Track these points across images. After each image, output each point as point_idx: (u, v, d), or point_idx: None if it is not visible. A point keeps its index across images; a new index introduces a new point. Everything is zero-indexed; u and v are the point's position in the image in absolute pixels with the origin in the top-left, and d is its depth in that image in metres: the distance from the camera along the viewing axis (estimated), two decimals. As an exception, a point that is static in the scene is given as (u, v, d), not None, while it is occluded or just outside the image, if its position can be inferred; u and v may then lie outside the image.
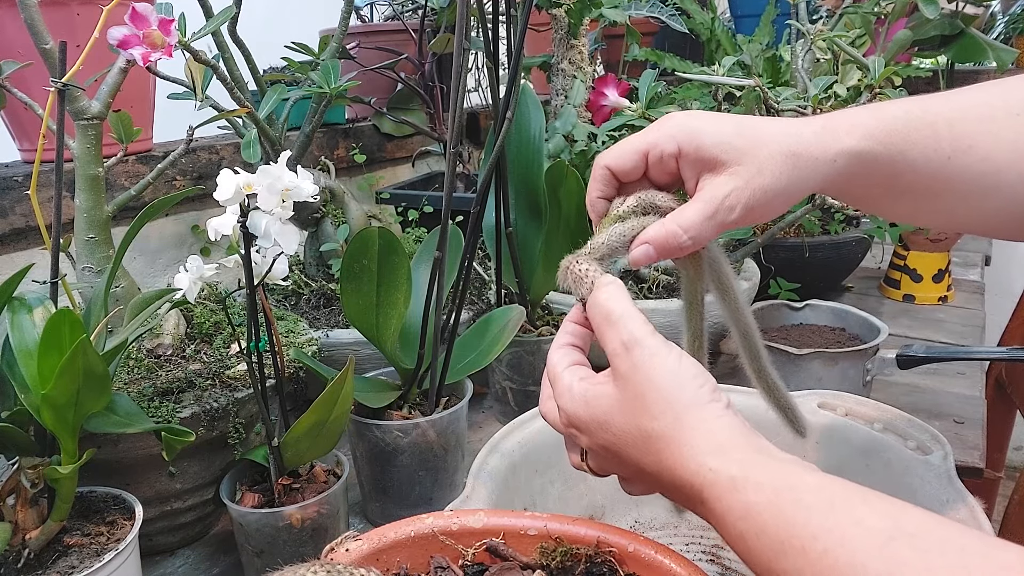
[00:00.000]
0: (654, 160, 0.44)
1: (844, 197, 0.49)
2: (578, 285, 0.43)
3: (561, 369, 0.44)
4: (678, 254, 0.44)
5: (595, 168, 0.46)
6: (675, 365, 0.38)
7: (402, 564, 0.45)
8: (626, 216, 0.45)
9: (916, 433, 0.60)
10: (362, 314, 0.71)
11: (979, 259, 1.51)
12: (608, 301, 0.41)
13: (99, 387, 0.53)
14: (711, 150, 0.43)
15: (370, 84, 1.24)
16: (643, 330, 0.40)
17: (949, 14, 1.13)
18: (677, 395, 0.38)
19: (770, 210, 0.43)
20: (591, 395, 0.41)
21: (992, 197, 0.46)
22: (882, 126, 0.44)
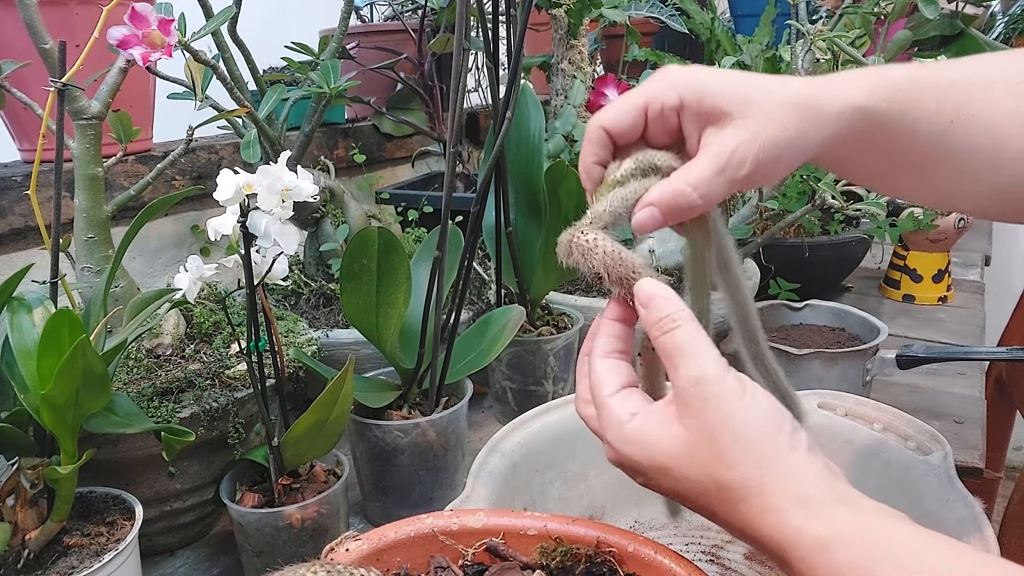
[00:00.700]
0: (654, 115, 0.41)
1: (844, 164, 0.47)
2: (588, 257, 0.39)
3: (608, 394, 0.39)
4: (686, 216, 0.40)
5: (589, 130, 0.42)
6: (751, 406, 0.35)
7: (402, 564, 0.45)
8: (625, 180, 0.41)
9: (916, 433, 0.60)
10: (362, 314, 0.71)
11: (979, 259, 1.51)
12: (680, 331, 0.37)
13: (99, 387, 0.53)
14: (715, 100, 0.40)
15: (370, 84, 1.24)
16: (718, 366, 0.36)
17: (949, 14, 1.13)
18: (755, 441, 0.34)
19: (780, 166, 0.40)
20: (650, 437, 0.37)
21: (990, 172, 0.44)
22: (887, 84, 0.42)
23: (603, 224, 0.40)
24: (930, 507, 0.56)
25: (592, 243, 0.39)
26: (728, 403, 0.35)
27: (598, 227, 0.40)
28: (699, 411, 0.35)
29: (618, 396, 0.39)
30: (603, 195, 0.41)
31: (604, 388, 0.40)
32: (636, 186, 0.41)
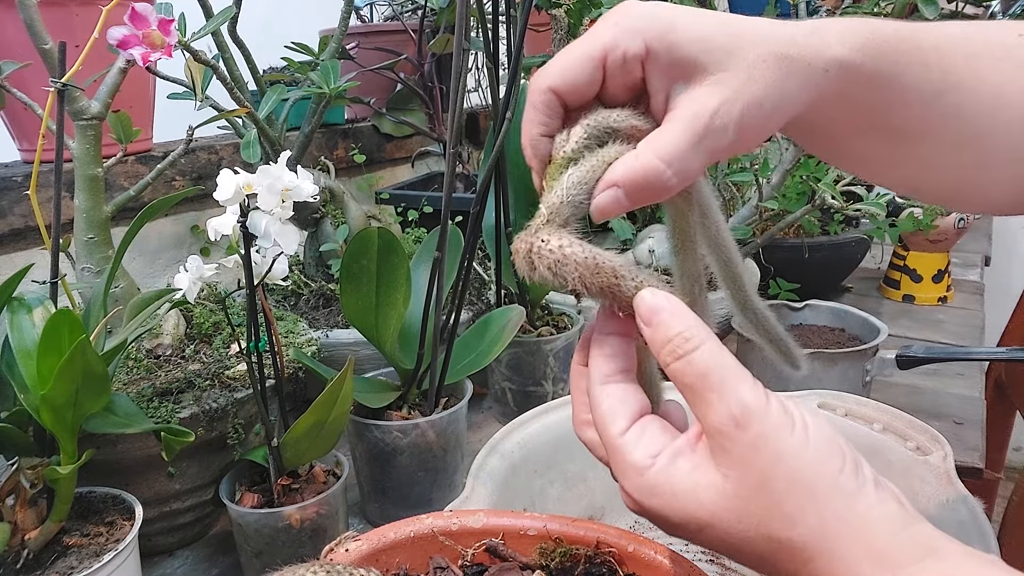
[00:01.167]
0: (613, 67, 0.33)
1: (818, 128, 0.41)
2: (557, 270, 0.32)
3: (618, 433, 0.32)
4: (658, 197, 0.33)
5: (532, 93, 0.34)
6: (805, 443, 0.29)
7: (401, 564, 0.45)
8: (578, 154, 0.34)
9: (916, 434, 0.60)
10: (361, 314, 0.71)
11: (979, 259, 1.51)
12: (700, 355, 0.30)
13: (98, 387, 0.53)
14: (688, 49, 0.33)
15: (370, 84, 1.24)
16: (757, 395, 0.29)
17: (949, 14, 1.13)
18: (817, 489, 0.28)
19: (766, 128, 0.34)
20: (681, 487, 0.30)
21: (970, 150, 0.41)
22: (875, 41, 0.37)
23: (563, 219, 0.33)
24: (930, 507, 0.56)
25: (558, 251, 0.32)
26: (779, 444, 0.29)
27: (558, 224, 0.33)
28: (745, 457, 0.29)
29: (631, 434, 0.32)
30: (555, 178, 0.34)
31: (613, 426, 0.33)
32: (594, 162, 0.33)
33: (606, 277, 0.32)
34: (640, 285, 0.32)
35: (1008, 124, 0.41)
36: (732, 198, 1.12)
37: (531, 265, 0.33)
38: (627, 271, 0.32)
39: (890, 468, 0.60)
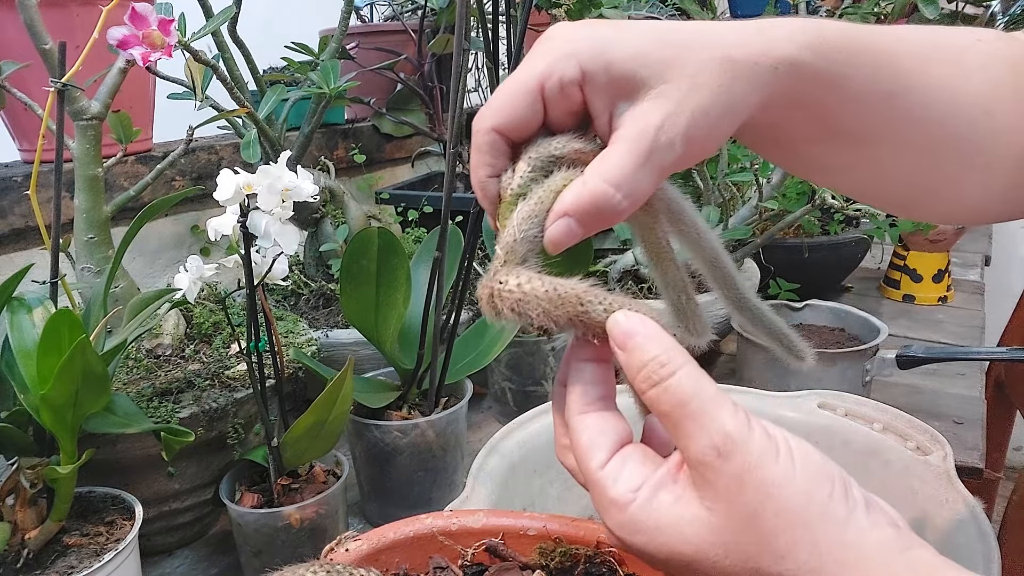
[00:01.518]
0: (552, 95, 0.32)
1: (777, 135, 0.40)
2: (521, 310, 0.31)
3: (598, 466, 0.30)
4: (612, 221, 0.32)
5: (476, 136, 0.33)
6: (792, 470, 0.27)
7: (401, 564, 0.45)
8: (525, 189, 0.33)
9: (916, 433, 0.60)
10: (361, 314, 0.71)
11: (979, 259, 1.51)
12: (677, 380, 0.29)
13: (98, 387, 0.53)
14: (625, 65, 0.31)
15: (370, 84, 1.24)
16: (739, 422, 0.28)
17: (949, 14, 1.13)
18: (808, 519, 0.27)
19: (715, 138, 0.33)
20: (664, 522, 0.29)
21: (922, 155, 0.41)
22: (825, 40, 0.36)
23: (520, 257, 0.32)
24: (930, 507, 0.56)
25: (517, 290, 0.31)
26: (765, 474, 0.27)
27: (515, 263, 0.32)
28: (730, 490, 0.27)
29: (611, 466, 0.30)
30: (507, 217, 0.33)
31: (592, 460, 0.31)
32: (541, 193, 0.32)
33: (571, 306, 0.31)
34: (610, 308, 0.30)
35: (959, 130, 0.41)
36: (732, 198, 1.12)
37: (494, 309, 0.32)
38: (593, 295, 0.31)
39: (890, 468, 0.60)
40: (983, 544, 0.50)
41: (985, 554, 0.49)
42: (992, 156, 0.43)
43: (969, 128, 0.41)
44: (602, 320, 0.30)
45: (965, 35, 0.43)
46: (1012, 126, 0.43)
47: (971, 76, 0.41)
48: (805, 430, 0.65)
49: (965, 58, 0.42)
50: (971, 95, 0.41)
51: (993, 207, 0.47)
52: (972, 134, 0.42)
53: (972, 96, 0.41)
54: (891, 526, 0.28)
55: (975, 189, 0.44)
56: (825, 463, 0.28)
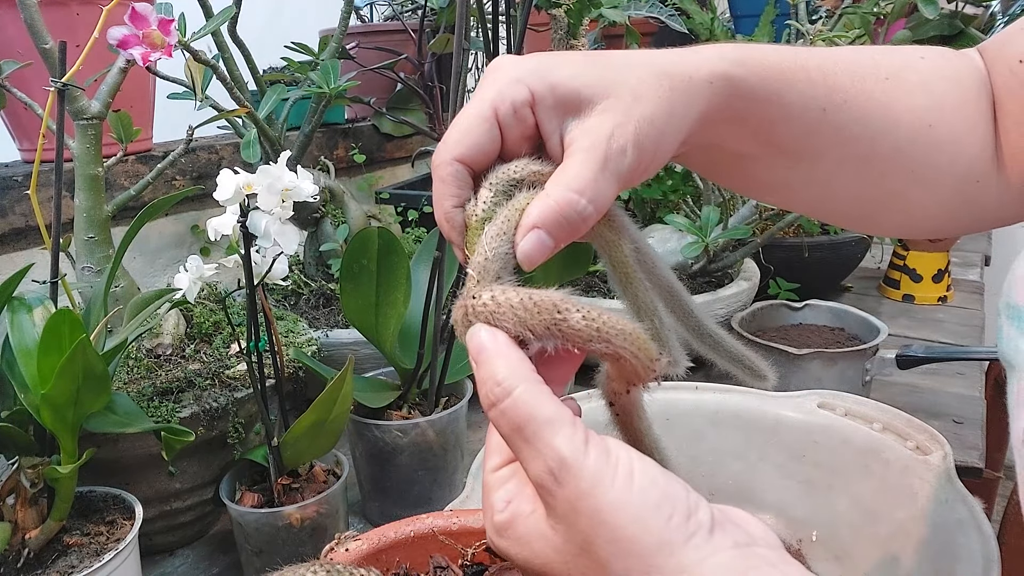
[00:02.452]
0: (506, 119, 0.33)
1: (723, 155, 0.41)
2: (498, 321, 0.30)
3: (491, 467, 0.32)
4: (580, 230, 0.32)
5: (439, 168, 0.33)
6: (626, 493, 0.27)
7: (402, 564, 0.45)
8: (489, 213, 0.33)
9: (915, 433, 0.60)
10: (361, 314, 0.71)
11: (978, 259, 1.51)
12: (512, 402, 0.28)
13: (99, 387, 0.53)
14: (570, 85, 0.33)
15: (370, 84, 1.25)
16: (574, 444, 0.27)
17: (948, 14, 1.13)
18: (642, 547, 0.26)
19: (663, 147, 0.34)
20: (521, 533, 0.29)
21: (867, 170, 0.42)
22: (756, 57, 0.38)
23: (494, 275, 0.32)
24: (929, 507, 0.56)
25: (491, 303, 0.30)
26: (598, 501, 0.26)
27: (489, 282, 0.32)
28: (566, 516, 0.27)
29: (501, 473, 0.31)
30: (475, 241, 0.33)
31: (489, 460, 0.32)
32: (507, 212, 0.33)
33: (547, 314, 0.29)
34: (588, 316, 0.29)
35: (899, 143, 0.42)
36: (732, 198, 1.12)
37: (466, 324, 0.31)
38: (571, 303, 0.30)
39: (890, 468, 0.60)
40: (983, 544, 0.50)
41: (985, 554, 0.49)
42: (936, 169, 0.44)
43: (910, 141, 0.42)
44: (580, 328, 0.29)
45: (907, 53, 0.44)
46: (956, 139, 0.44)
47: (912, 91, 0.42)
48: (805, 430, 0.65)
49: (905, 74, 0.43)
50: (912, 110, 0.42)
51: (946, 221, 0.48)
52: (913, 146, 0.42)
53: (913, 111, 0.42)
54: (734, 547, 0.26)
55: (923, 202, 0.45)
56: (668, 486, 0.27)
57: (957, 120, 0.43)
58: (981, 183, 0.45)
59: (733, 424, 0.67)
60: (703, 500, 0.28)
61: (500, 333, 0.29)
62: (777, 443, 0.66)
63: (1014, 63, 0.44)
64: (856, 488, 0.62)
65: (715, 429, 0.67)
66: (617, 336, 0.29)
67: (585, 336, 0.29)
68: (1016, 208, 0.46)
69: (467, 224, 0.34)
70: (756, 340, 0.87)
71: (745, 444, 0.67)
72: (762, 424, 0.66)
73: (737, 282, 1.02)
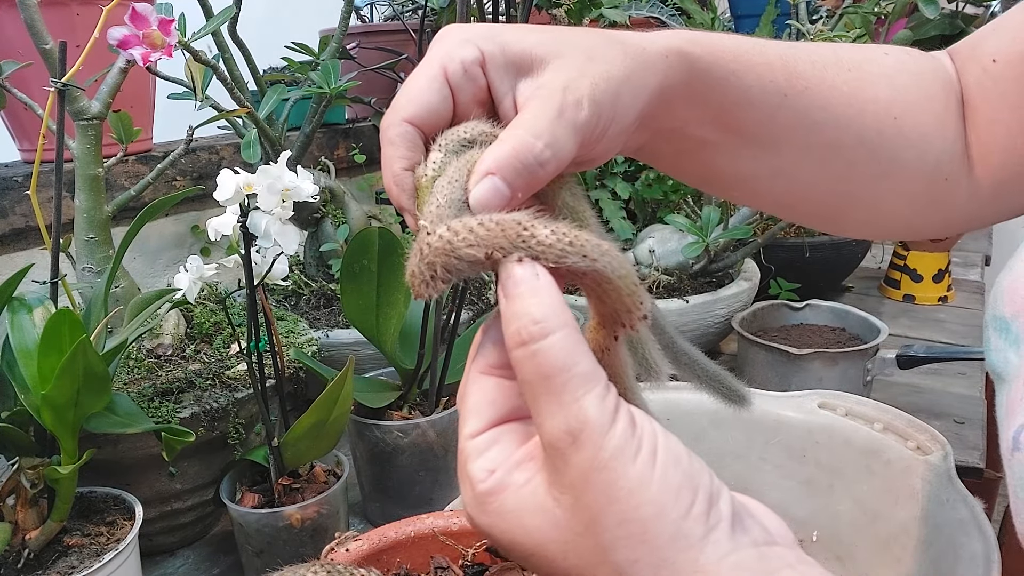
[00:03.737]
0: (456, 79, 0.31)
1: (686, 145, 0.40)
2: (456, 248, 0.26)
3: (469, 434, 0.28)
4: (538, 178, 0.29)
5: (388, 130, 0.31)
6: (647, 474, 0.24)
7: (402, 564, 0.45)
8: (439, 172, 0.30)
9: (916, 433, 0.60)
10: (362, 314, 0.71)
11: (979, 259, 1.51)
12: (548, 348, 0.24)
13: (99, 387, 0.53)
14: (521, 44, 0.32)
15: (370, 84, 1.24)
16: (604, 408, 0.24)
17: (949, 14, 1.13)
18: (655, 535, 0.23)
19: (620, 109, 0.32)
20: (509, 508, 0.26)
21: (832, 161, 0.41)
22: (710, 40, 0.37)
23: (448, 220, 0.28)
24: (930, 507, 0.56)
25: (450, 232, 0.26)
26: (615, 476, 0.23)
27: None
28: (576, 486, 0.24)
29: (481, 440, 0.27)
30: (425, 198, 0.30)
31: (466, 426, 0.28)
32: (459, 164, 0.30)
33: (512, 231, 0.26)
34: (556, 230, 0.26)
35: (864, 133, 0.42)
36: (732, 198, 1.12)
37: (430, 271, 0.26)
38: (536, 219, 0.26)
39: (891, 468, 0.60)
40: (983, 544, 0.50)
41: (985, 554, 0.49)
42: (903, 164, 0.43)
43: (876, 132, 0.42)
44: (551, 242, 0.26)
45: (870, 49, 0.44)
46: (922, 134, 0.43)
47: (875, 82, 0.42)
48: (806, 430, 0.65)
49: (868, 66, 0.43)
50: (876, 100, 0.42)
51: (914, 220, 0.47)
52: (879, 138, 0.42)
53: (876, 101, 0.42)
54: (758, 544, 0.24)
55: (890, 199, 0.45)
56: (693, 471, 0.24)
57: (923, 115, 0.43)
58: (950, 181, 0.45)
59: (734, 424, 0.67)
60: (725, 488, 0.25)
61: (541, 268, 0.25)
62: (778, 443, 0.66)
63: (987, 62, 0.44)
64: (857, 488, 0.62)
65: (716, 429, 0.67)
66: (594, 249, 0.25)
67: (558, 250, 0.26)
68: (987, 209, 0.46)
69: (417, 187, 0.31)
70: (757, 340, 0.87)
71: (746, 444, 0.67)
72: (763, 424, 0.66)
73: (738, 282, 1.02)
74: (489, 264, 0.26)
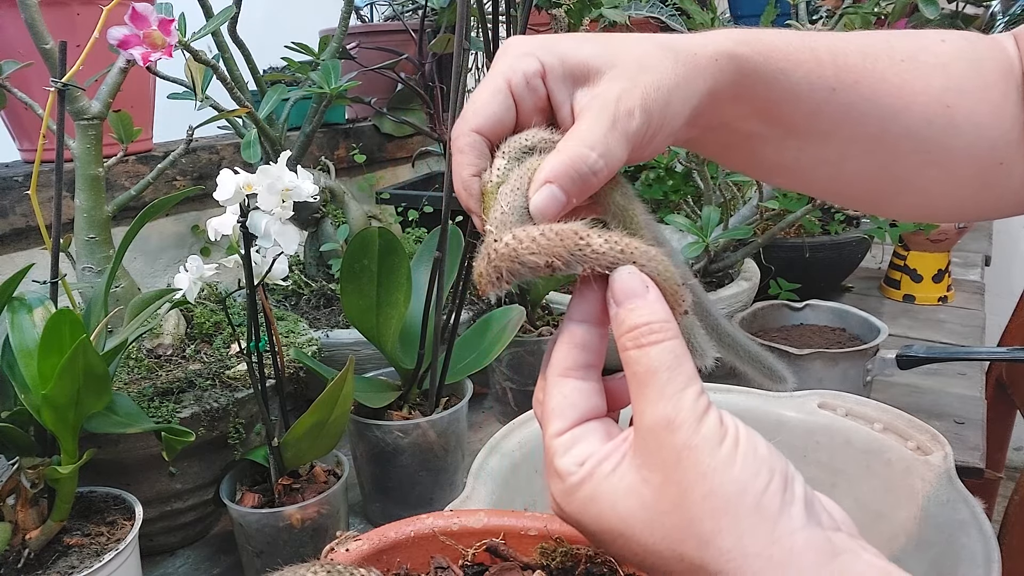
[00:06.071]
0: (519, 90, 0.35)
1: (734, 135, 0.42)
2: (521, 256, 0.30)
3: (554, 432, 0.31)
4: (591, 185, 0.33)
5: (458, 140, 0.35)
6: (730, 456, 0.27)
7: (402, 564, 0.45)
8: (503, 178, 0.34)
9: (916, 433, 0.60)
10: (362, 314, 0.71)
11: (979, 259, 1.51)
12: (660, 350, 0.29)
13: (99, 387, 0.53)
14: (577, 56, 0.35)
15: (370, 84, 1.25)
16: (699, 404, 0.28)
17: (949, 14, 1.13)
18: (735, 509, 0.27)
19: (669, 115, 0.35)
20: (601, 493, 0.29)
21: (878, 151, 0.42)
22: (761, 39, 0.39)
23: (510, 228, 0.32)
24: (930, 507, 0.56)
25: (515, 240, 0.30)
26: (703, 457, 0.27)
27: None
28: (667, 465, 0.28)
29: (566, 438, 0.31)
30: (491, 204, 0.34)
31: (551, 425, 0.31)
32: (521, 172, 0.33)
33: (571, 240, 0.30)
34: (609, 239, 0.30)
35: (912, 124, 0.42)
36: (733, 198, 1.12)
37: (496, 273, 0.31)
38: (591, 230, 0.31)
39: (891, 468, 0.60)
40: (983, 544, 0.50)
41: (985, 554, 0.49)
42: (954, 151, 0.43)
43: (925, 122, 0.42)
44: (604, 250, 0.30)
45: (927, 36, 0.44)
46: (976, 121, 0.43)
47: (928, 73, 0.42)
48: (807, 430, 0.65)
49: (922, 56, 0.43)
50: (926, 90, 0.42)
51: (965, 204, 0.47)
52: (928, 127, 0.42)
53: (928, 91, 0.42)
54: (825, 528, 0.27)
55: (940, 183, 0.45)
56: (771, 457, 0.28)
57: (978, 103, 0.43)
58: (1005, 166, 0.44)
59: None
60: (800, 475, 0.28)
61: (649, 279, 0.30)
62: (779, 443, 0.65)
63: None
64: (858, 488, 0.62)
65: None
66: (642, 255, 0.30)
67: (611, 258, 0.30)
68: None
69: (483, 191, 0.34)
70: (757, 340, 0.87)
71: (746, 444, 0.67)
72: (764, 424, 0.66)
73: (738, 282, 1.02)
74: (548, 270, 0.30)
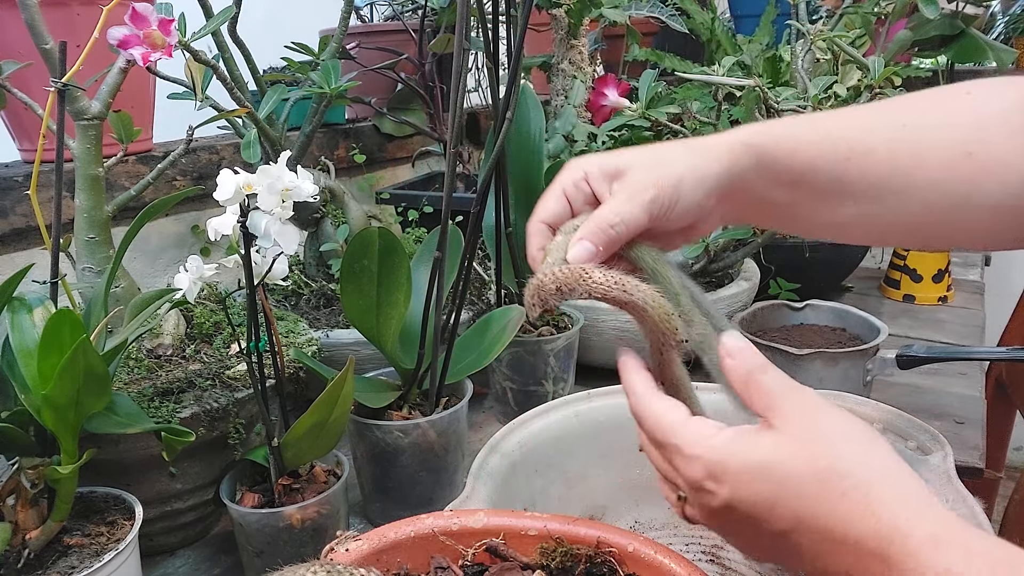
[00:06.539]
0: (571, 191, 0.47)
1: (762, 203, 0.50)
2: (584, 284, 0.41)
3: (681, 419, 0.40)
4: (615, 241, 0.44)
5: (530, 227, 0.48)
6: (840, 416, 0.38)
7: (402, 564, 0.45)
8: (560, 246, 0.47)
9: (916, 433, 0.60)
10: (362, 314, 0.71)
11: (979, 259, 1.51)
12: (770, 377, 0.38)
13: (99, 387, 0.53)
14: (612, 162, 0.47)
15: (370, 84, 1.25)
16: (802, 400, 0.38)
17: (949, 14, 1.13)
18: (859, 441, 0.37)
19: (683, 189, 0.45)
20: (744, 441, 0.37)
21: (906, 203, 0.48)
22: (770, 131, 0.48)
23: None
24: (930, 507, 0.55)
25: (541, 274, 0.42)
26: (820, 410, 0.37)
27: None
28: (796, 413, 0.37)
29: (693, 421, 0.40)
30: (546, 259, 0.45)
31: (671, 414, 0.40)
32: (565, 237, 0.46)
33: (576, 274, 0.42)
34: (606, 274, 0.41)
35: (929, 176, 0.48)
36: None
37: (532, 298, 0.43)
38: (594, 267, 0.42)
39: (890, 468, 0.60)
40: (984, 544, 0.49)
41: (986, 554, 0.48)
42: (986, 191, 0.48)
43: (947, 170, 0.48)
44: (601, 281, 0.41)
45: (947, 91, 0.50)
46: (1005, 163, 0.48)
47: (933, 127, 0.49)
48: (806, 430, 0.65)
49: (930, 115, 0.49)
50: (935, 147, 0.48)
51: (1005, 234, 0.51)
52: (952, 174, 0.48)
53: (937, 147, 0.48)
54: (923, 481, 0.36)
55: (980, 219, 0.49)
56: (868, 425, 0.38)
57: (1003, 147, 0.48)
58: None
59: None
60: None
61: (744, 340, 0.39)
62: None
63: None
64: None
65: (716, 429, 0.67)
66: (633, 288, 0.41)
67: (606, 287, 0.41)
68: None
69: (545, 256, 0.46)
70: (757, 340, 0.87)
71: (746, 444, 0.67)
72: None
73: (737, 282, 1.02)
74: (560, 296, 0.42)
